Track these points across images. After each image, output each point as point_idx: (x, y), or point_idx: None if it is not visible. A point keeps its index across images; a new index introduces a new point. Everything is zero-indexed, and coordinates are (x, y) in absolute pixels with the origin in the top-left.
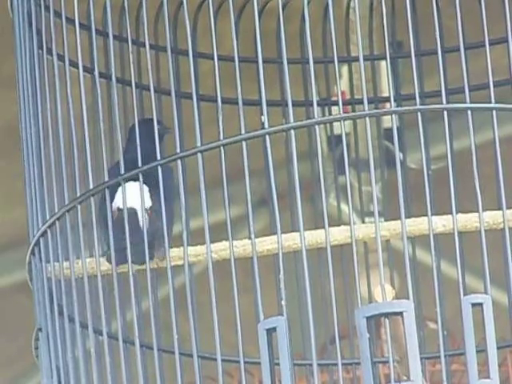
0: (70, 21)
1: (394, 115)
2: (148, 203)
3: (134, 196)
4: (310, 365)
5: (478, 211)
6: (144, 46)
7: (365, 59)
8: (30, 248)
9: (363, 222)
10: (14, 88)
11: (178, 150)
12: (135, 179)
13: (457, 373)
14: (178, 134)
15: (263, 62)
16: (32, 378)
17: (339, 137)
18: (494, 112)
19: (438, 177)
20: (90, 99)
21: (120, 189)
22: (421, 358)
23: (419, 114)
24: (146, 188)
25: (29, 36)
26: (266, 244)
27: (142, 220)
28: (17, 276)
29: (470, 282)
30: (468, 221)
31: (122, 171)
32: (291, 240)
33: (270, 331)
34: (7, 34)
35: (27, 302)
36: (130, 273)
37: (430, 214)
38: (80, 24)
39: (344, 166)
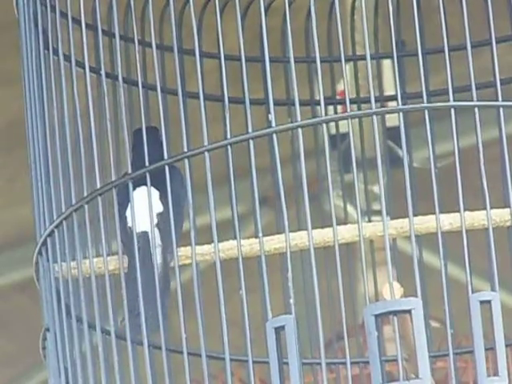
0: (76, 21)
1: (400, 113)
2: (159, 208)
3: (144, 213)
4: (317, 363)
5: (484, 209)
6: (150, 45)
7: (370, 58)
8: (37, 248)
9: (369, 220)
10: (15, 86)
11: (185, 149)
12: (144, 184)
13: (459, 370)
14: (184, 133)
15: (269, 61)
16: (32, 377)
17: (343, 135)
18: (501, 109)
19: (442, 175)
20: (96, 99)
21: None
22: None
23: (426, 111)
24: (156, 192)
25: (34, 36)
26: (274, 243)
27: (152, 236)
28: (17, 276)
29: (476, 283)
30: (475, 219)
31: (131, 188)
32: (298, 239)
33: (278, 330)
34: (9, 31)
35: (27, 302)
36: (138, 273)
37: (437, 211)
38: (86, 24)
39: (348, 165)
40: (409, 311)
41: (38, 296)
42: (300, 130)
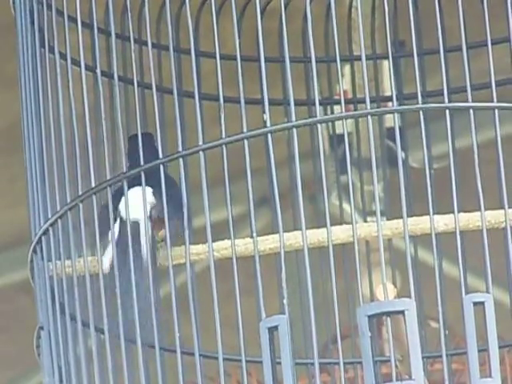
0: (73, 19)
1: (395, 114)
2: (152, 200)
3: (137, 203)
4: (312, 364)
5: (479, 210)
6: (146, 44)
7: (367, 58)
8: (32, 246)
9: (365, 221)
10: (16, 88)
11: (180, 149)
12: (138, 184)
13: (455, 372)
14: (180, 132)
15: (265, 60)
16: (32, 378)
17: (341, 136)
18: (496, 111)
19: (439, 176)
20: (92, 98)
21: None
22: (422, 357)
23: (421, 112)
24: (149, 190)
25: (31, 34)
26: (269, 243)
27: (145, 228)
28: (16, 276)
29: (472, 283)
30: (469, 220)
31: (126, 186)
32: (293, 239)
33: (272, 330)
34: (10, 34)
35: (27, 303)
36: (132, 271)
37: (431, 212)
38: (82, 22)
39: (346, 165)
40: (402, 312)
41: None
42: (295, 130)
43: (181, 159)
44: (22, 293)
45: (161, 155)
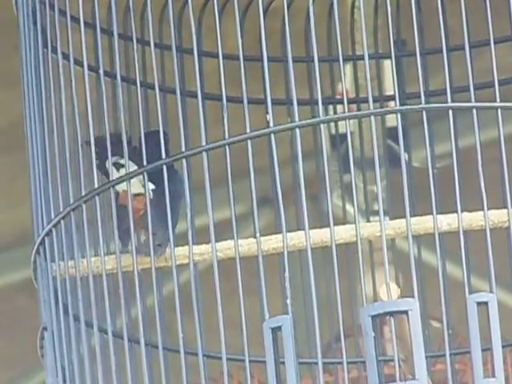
0: (75, 19)
1: (398, 114)
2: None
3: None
4: (315, 363)
5: (482, 210)
6: (149, 44)
7: (369, 58)
8: (35, 247)
9: (368, 220)
10: (17, 87)
11: (183, 149)
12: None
13: (458, 372)
14: (183, 132)
15: (268, 60)
16: (32, 378)
17: (343, 135)
18: (499, 111)
19: (442, 175)
20: (94, 98)
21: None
22: (425, 357)
23: (424, 112)
24: (151, 185)
25: (33, 34)
26: (272, 243)
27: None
28: (17, 276)
29: (476, 283)
30: (473, 219)
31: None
32: (296, 239)
33: (275, 330)
34: (11, 33)
35: (27, 302)
36: (135, 271)
37: (434, 212)
38: (85, 23)
39: (348, 165)
40: (405, 312)
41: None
42: (298, 130)
43: (184, 159)
44: (22, 293)
45: (164, 155)
